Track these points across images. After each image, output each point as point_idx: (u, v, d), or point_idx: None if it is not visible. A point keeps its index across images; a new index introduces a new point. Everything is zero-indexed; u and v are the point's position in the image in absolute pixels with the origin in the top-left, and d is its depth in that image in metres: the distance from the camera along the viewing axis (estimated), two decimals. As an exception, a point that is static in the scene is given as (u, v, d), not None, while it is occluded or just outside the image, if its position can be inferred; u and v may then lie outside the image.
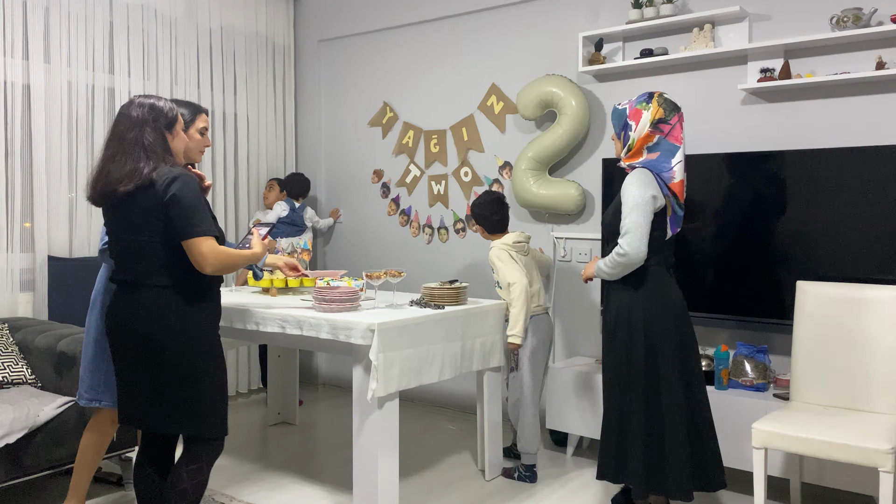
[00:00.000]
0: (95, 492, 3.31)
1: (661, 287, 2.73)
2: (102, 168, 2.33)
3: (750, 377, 3.33)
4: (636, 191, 2.64)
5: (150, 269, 2.31)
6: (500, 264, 3.45)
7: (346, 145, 5.27)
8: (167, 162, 2.34)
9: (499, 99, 4.47)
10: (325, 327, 2.94)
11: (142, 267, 2.31)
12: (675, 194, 2.71)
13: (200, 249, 2.27)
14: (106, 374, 2.78)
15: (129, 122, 2.33)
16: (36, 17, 3.94)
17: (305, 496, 3.32)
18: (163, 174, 2.28)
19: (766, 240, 3.36)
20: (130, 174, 2.27)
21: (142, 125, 2.32)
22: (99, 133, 4.22)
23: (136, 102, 2.36)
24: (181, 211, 2.26)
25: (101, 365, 2.78)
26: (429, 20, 4.76)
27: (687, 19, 3.64)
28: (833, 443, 2.52)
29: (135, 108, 2.34)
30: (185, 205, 2.26)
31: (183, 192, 2.27)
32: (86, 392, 2.81)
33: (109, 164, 2.31)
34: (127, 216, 2.32)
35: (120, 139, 2.32)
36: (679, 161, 2.71)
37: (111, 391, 2.78)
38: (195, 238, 2.27)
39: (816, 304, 2.98)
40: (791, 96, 3.49)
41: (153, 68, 4.51)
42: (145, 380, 2.33)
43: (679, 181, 2.71)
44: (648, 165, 2.72)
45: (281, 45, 5.35)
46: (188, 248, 2.28)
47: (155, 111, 2.36)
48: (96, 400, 2.79)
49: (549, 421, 3.81)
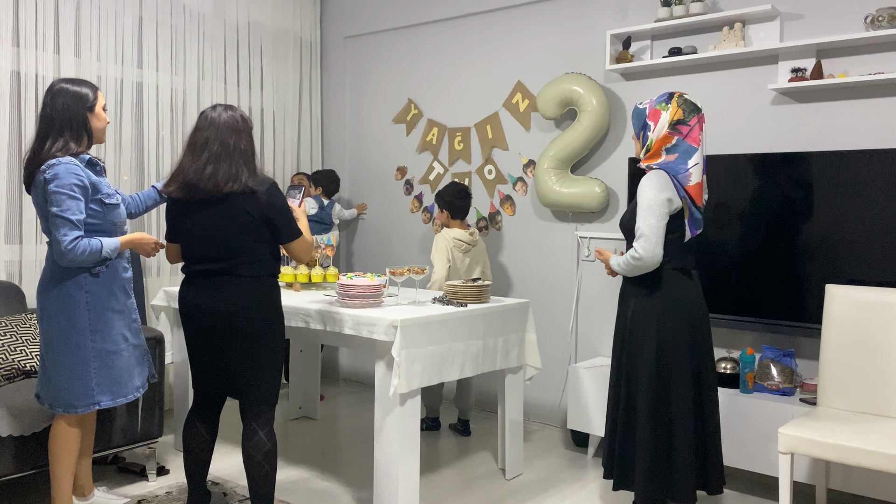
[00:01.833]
0: (119, 481, 3.35)
1: (677, 290, 2.70)
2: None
3: (776, 381, 3.28)
4: (650, 193, 2.62)
5: (244, 263, 2.66)
6: (434, 250, 4.02)
7: (371, 142, 5.28)
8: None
9: (524, 96, 4.45)
10: (349, 323, 2.95)
11: (237, 261, 2.65)
12: (692, 197, 2.68)
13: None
14: (97, 373, 2.69)
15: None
16: (67, 11, 3.99)
17: (326, 491, 3.33)
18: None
19: (795, 242, 3.31)
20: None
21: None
22: (127, 126, 4.27)
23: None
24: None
25: (89, 367, 2.67)
26: (455, 17, 4.75)
27: (717, 18, 3.60)
28: (861, 449, 2.48)
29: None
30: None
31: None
32: (77, 399, 2.68)
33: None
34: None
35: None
36: (696, 163, 2.67)
37: (105, 389, 2.71)
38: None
39: (845, 309, 2.93)
40: (823, 97, 3.44)
41: (181, 63, 4.55)
42: (237, 356, 2.65)
43: (696, 184, 2.67)
44: (665, 167, 2.69)
45: (307, 42, 5.37)
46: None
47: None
48: (94, 403, 2.70)
49: (570, 421, 3.79)
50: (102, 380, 2.71)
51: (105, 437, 3.18)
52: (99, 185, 2.67)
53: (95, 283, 2.68)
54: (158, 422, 3.36)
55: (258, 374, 2.68)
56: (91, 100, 2.70)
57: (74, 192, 2.56)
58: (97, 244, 2.60)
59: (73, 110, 2.65)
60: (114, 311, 2.74)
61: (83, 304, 2.66)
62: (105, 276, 2.71)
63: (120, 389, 2.77)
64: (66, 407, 2.69)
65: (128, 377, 2.80)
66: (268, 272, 2.70)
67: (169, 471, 3.47)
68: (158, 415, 3.36)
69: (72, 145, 2.64)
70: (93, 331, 2.67)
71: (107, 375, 2.72)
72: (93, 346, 2.68)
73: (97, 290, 2.68)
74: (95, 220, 2.66)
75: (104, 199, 2.68)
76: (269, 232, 2.67)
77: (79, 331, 2.65)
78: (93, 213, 2.65)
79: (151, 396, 3.32)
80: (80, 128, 2.66)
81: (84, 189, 2.60)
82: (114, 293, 2.74)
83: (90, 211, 2.64)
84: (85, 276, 2.66)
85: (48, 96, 2.66)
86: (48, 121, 2.64)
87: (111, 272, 2.73)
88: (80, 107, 2.66)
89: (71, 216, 2.55)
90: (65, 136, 2.63)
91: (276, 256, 2.76)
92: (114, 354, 2.73)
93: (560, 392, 4.32)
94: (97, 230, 2.67)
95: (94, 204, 2.65)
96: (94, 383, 2.69)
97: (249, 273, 2.65)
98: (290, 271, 3.73)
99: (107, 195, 2.70)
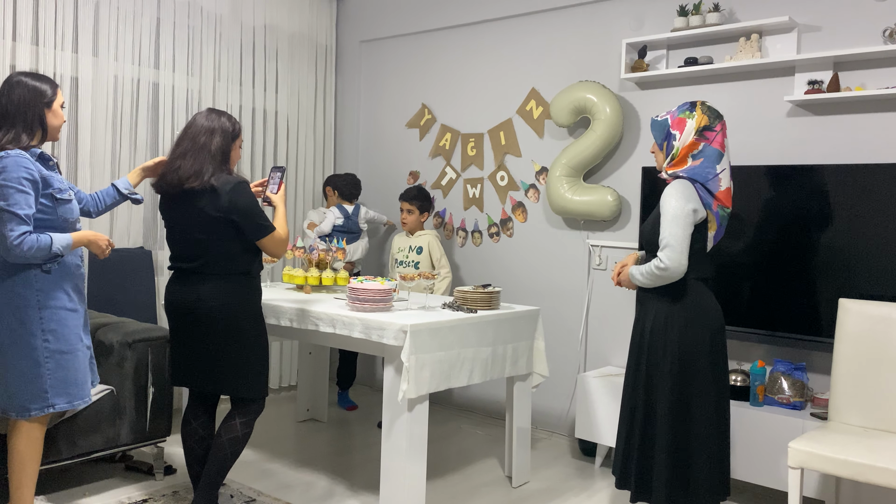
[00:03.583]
0: (126, 481, 3.36)
1: (700, 300, 2.68)
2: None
3: (787, 395, 3.26)
4: (676, 203, 2.60)
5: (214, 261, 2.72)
6: (438, 252, 4.30)
7: (384, 146, 5.29)
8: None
9: (538, 103, 4.45)
10: (358, 326, 2.95)
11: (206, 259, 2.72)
12: (722, 203, 2.67)
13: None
14: (51, 375, 2.59)
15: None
16: (86, 11, 4.03)
17: (332, 494, 3.33)
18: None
19: (808, 255, 3.29)
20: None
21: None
22: (142, 126, 4.30)
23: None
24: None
25: (41, 368, 2.58)
26: (471, 23, 4.76)
27: (733, 28, 3.59)
28: (873, 466, 2.45)
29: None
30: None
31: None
32: (30, 402, 2.58)
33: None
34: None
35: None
36: (724, 168, 2.67)
37: (60, 391, 2.62)
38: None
39: (859, 323, 2.90)
40: (839, 109, 3.42)
41: (197, 64, 4.58)
42: (208, 351, 2.73)
43: (726, 189, 2.67)
44: (692, 174, 2.67)
45: (323, 45, 5.39)
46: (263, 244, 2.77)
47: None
48: (48, 406, 2.60)
49: (578, 430, 3.77)
50: (57, 382, 2.61)
51: (113, 435, 3.19)
52: (50, 180, 2.58)
53: (47, 280, 2.58)
54: (167, 421, 3.37)
55: (233, 370, 2.74)
56: (49, 96, 2.61)
57: (23, 186, 2.47)
58: (46, 240, 2.50)
59: (30, 104, 2.57)
60: (67, 311, 2.64)
61: (34, 302, 2.56)
62: (57, 274, 2.61)
63: (77, 391, 2.67)
64: (20, 411, 2.58)
65: (84, 379, 2.70)
66: (239, 269, 2.74)
67: (176, 470, 3.48)
68: (167, 414, 3.37)
69: (24, 138, 2.55)
70: (45, 330, 2.57)
71: (62, 377, 2.62)
72: (45, 346, 2.58)
73: (48, 289, 2.58)
74: (46, 215, 2.57)
75: (55, 194, 2.59)
76: (236, 231, 2.71)
77: (29, 331, 2.56)
78: (43, 209, 2.56)
79: (160, 396, 3.33)
80: (34, 122, 2.58)
81: (34, 183, 2.51)
82: (66, 291, 2.64)
83: (40, 206, 2.55)
84: (36, 272, 2.56)
85: (5, 87, 2.58)
86: (2, 112, 2.56)
87: (63, 269, 2.63)
88: (38, 101, 2.58)
89: (18, 210, 2.46)
90: (17, 129, 2.55)
91: (252, 252, 2.79)
92: (68, 355, 2.63)
93: (568, 401, 4.30)
94: (47, 226, 2.58)
95: (44, 199, 2.57)
96: (48, 385, 2.59)
97: (218, 271, 2.71)
98: (301, 273, 3.73)
99: (58, 190, 2.60)
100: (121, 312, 3.90)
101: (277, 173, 2.97)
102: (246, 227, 2.70)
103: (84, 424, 3.06)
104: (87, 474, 3.39)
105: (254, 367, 2.79)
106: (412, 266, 4.32)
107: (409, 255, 4.36)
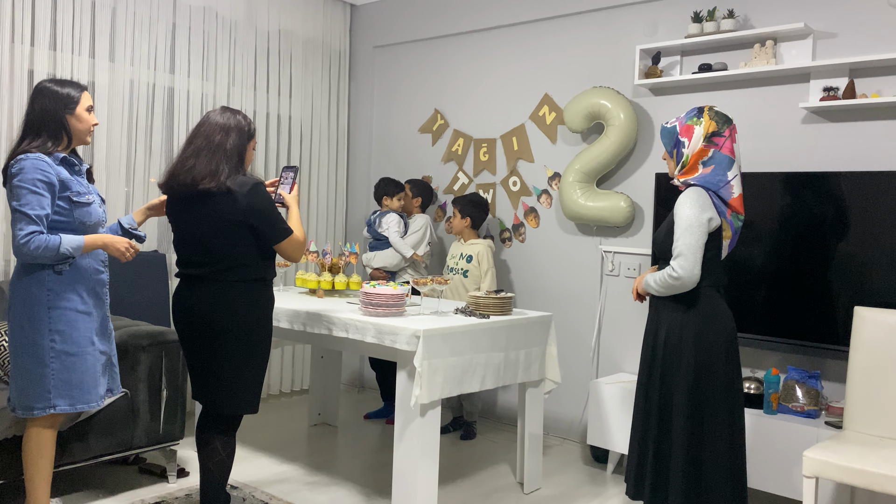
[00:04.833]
0: (140, 483, 3.37)
1: (713, 308, 2.67)
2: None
3: (801, 403, 3.24)
4: (690, 211, 2.59)
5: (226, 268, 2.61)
6: (486, 264, 4.20)
7: (396, 151, 5.30)
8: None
9: (551, 109, 4.45)
10: (371, 331, 2.95)
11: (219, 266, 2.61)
12: (735, 210, 2.66)
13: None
14: (54, 376, 2.59)
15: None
16: (103, 16, 4.06)
17: (344, 498, 3.33)
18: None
19: (824, 262, 3.27)
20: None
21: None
22: (158, 131, 4.33)
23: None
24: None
25: (45, 368, 2.58)
26: (484, 29, 4.76)
27: (748, 35, 3.58)
28: (889, 476, 2.43)
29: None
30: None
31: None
32: (33, 401, 2.58)
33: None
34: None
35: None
36: (735, 175, 2.66)
37: (63, 393, 2.61)
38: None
39: (874, 331, 2.88)
40: (855, 116, 3.40)
41: (212, 69, 4.61)
42: (214, 362, 2.61)
43: (738, 195, 2.65)
44: (703, 181, 2.66)
45: (337, 51, 5.42)
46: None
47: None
48: (49, 407, 2.59)
49: (590, 437, 3.76)
50: (60, 383, 2.59)
51: (127, 437, 3.21)
52: (69, 183, 2.59)
53: (58, 281, 2.58)
54: (180, 424, 3.39)
55: (230, 385, 2.62)
56: (73, 101, 2.63)
57: (37, 188, 2.49)
58: (55, 240, 2.49)
59: (51, 112, 2.60)
60: (78, 312, 2.63)
61: (44, 301, 2.57)
62: (69, 275, 2.61)
63: (81, 395, 2.64)
64: (24, 409, 2.60)
65: (92, 383, 2.67)
66: (253, 276, 2.63)
67: (189, 473, 3.50)
68: (180, 417, 3.39)
69: (49, 145, 2.58)
70: (52, 330, 2.57)
71: (66, 379, 2.60)
72: (51, 346, 2.57)
73: (60, 290, 2.58)
74: (62, 217, 2.58)
75: (73, 197, 2.59)
76: (253, 236, 2.60)
77: (37, 330, 2.57)
78: (59, 211, 2.57)
79: (174, 398, 3.35)
80: (58, 129, 2.61)
81: (50, 185, 2.52)
82: (80, 294, 2.63)
83: (57, 208, 2.57)
84: (48, 273, 2.57)
85: (32, 96, 2.63)
86: (28, 122, 2.62)
87: (76, 271, 2.63)
88: (59, 108, 2.61)
89: (29, 210, 2.47)
90: (42, 136, 2.59)
91: (268, 258, 2.69)
92: (75, 357, 2.62)
93: (581, 407, 4.29)
94: (64, 228, 2.58)
95: (61, 201, 2.58)
96: (52, 385, 2.58)
97: (231, 278, 2.59)
98: (314, 278, 3.74)
99: (76, 193, 2.61)
100: (134, 315, 3.92)
101: (290, 172, 2.88)
102: (264, 231, 2.59)
103: (98, 427, 3.08)
104: (100, 476, 3.41)
105: (250, 383, 2.66)
106: (461, 273, 4.24)
107: (460, 262, 4.29)
